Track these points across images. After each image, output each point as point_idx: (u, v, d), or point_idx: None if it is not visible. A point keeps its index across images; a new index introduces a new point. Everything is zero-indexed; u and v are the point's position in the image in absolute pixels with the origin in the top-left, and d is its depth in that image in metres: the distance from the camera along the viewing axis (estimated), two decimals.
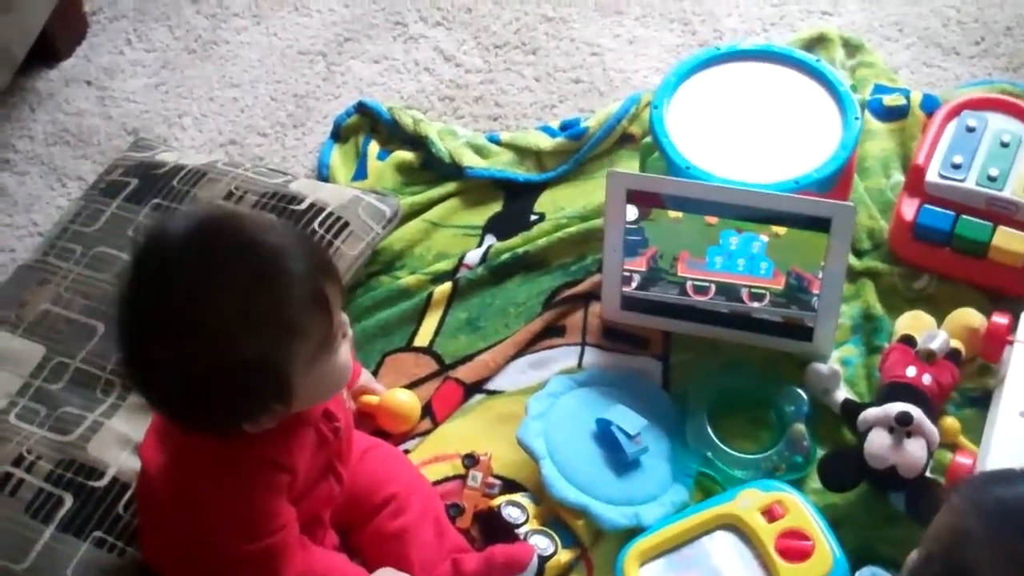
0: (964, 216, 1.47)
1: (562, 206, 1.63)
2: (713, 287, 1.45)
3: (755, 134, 1.46)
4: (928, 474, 1.31)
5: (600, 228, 1.57)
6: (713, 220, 1.40)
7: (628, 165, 1.65)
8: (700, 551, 1.30)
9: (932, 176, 1.49)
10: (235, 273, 1.03)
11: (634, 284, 1.47)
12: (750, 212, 1.38)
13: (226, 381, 1.04)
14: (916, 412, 1.31)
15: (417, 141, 1.71)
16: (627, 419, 1.37)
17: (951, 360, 1.39)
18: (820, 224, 1.36)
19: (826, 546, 1.26)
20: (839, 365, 1.44)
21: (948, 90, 1.71)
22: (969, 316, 1.43)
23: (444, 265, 1.59)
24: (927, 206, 1.49)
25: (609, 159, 1.68)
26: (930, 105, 1.64)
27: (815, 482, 1.35)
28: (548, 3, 1.89)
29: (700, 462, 1.38)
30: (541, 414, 1.39)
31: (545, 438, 1.37)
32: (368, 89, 1.82)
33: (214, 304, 1.02)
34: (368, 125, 1.76)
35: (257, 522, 1.14)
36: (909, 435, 1.30)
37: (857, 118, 1.45)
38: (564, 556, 1.31)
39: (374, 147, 1.73)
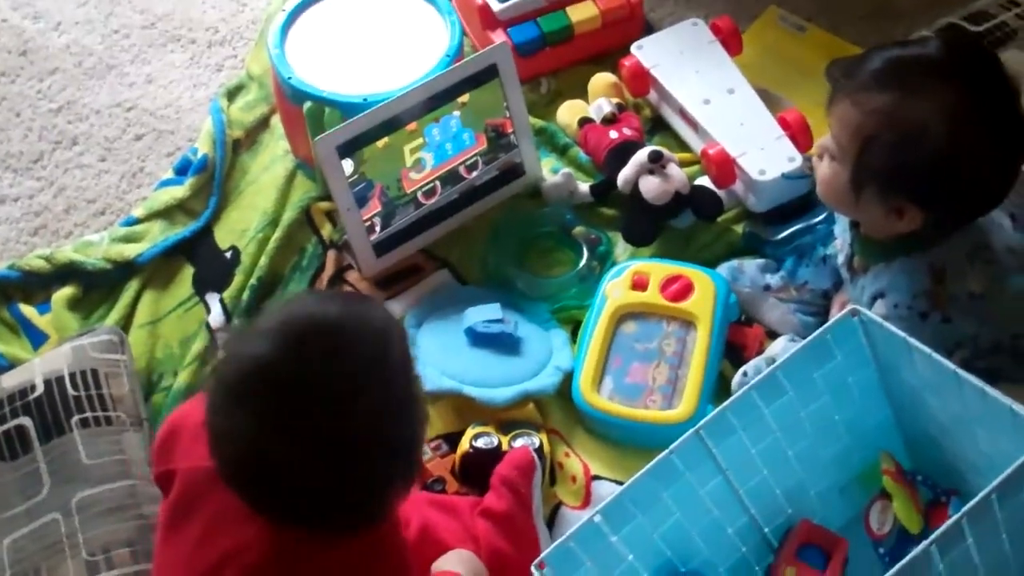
0: (540, 18, 1.71)
1: (244, 228, 1.60)
2: (437, 183, 1.55)
3: (380, 46, 1.57)
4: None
5: (294, 219, 1.60)
6: (413, 125, 1.49)
7: (259, 162, 1.67)
8: (624, 348, 1.44)
9: (496, 6, 1.71)
10: (376, 353, 0.99)
11: (378, 228, 1.52)
12: (437, 100, 1.49)
13: (412, 452, 1.04)
14: (654, 148, 1.55)
15: (65, 273, 1.56)
16: (485, 312, 1.46)
17: (625, 111, 1.65)
18: (488, 73, 1.52)
19: (697, 271, 1.47)
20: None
21: None
22: (604, 78, 1.69)
23: (198, 345, 1.50)
24: (511, 29, 1.71)
25: (240, 171, 1.67)
26: None
27: (626, 254, 1.55)
28: (42, 99, 1.77)
29: (549, 304, 1.51)
30: (424, 363, 1.42)
31: (446, 374, 1.41)
32: None
33: (378, 399, 0.98)
34: None
35: None
36: (664, 166, 1.55)
37: None
38: (545, 441, 1.38)
39: (27, 308, 1.54)
